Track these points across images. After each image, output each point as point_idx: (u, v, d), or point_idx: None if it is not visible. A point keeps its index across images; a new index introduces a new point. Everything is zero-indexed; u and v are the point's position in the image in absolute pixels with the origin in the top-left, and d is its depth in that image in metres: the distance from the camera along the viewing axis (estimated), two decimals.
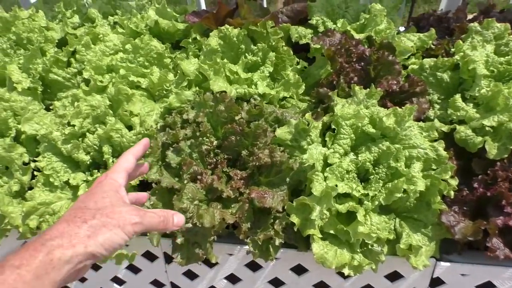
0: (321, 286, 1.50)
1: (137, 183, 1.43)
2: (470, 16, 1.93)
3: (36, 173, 1.51)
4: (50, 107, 1.71)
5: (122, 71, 1.66)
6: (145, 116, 1.56)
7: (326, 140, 1.34)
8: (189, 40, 1.84)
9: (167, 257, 1.55)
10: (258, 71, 1.64)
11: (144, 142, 1.00)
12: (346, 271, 1.21)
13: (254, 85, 1.60)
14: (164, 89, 1.67)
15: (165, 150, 1.39)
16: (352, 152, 1.34)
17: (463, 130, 1.35)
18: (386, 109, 1.36)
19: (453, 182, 1.25)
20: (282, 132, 1.35)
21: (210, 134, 1.40)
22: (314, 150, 1.29)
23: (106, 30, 1.90)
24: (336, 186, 1.21)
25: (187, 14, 1.90)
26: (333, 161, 1.28)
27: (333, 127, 1.34)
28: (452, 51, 1.62)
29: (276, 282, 1.54)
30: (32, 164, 1.53)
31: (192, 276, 1.61)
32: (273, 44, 1.67)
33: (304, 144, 1.34)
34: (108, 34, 1.82)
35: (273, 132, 1.37)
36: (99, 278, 1.71)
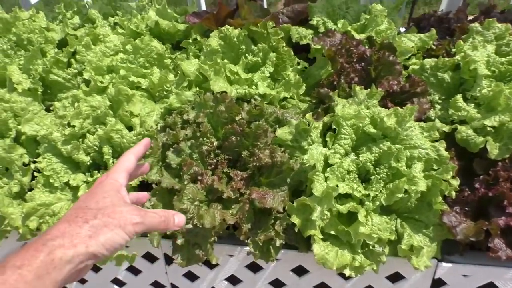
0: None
1: (137, 184, 1.42)
2: (470, 18, 1.92)
3: (36, 174, 1.51)
4: (51, 108, 1.71)
5: (123, 72, 1.66)
6: (146, 117, 1.56)
7: (327, 141, 1.33)
8: (190, 41, 1.84)
9: (168, 258, 1.54)
10: (259, 72, 1.64)
11: (145, 142, 1.00)
12: (347, 272, 1.20)
13: (255, 86, 1.59)
14: (165, 90, 1.67)
15: (166, 151, 1.39)
16: (353, 153, 1.33)
17: (464, 130, 1.34)
18: (387, 109, 1.35)
19: (455, 183, 1.24)
20: (283, 133, 1.35)
21: (211, 135, 1.40)
22: (315, 151, 1.29)
23: (107, 31, 1.90)
24: (337, 187, 1.20)
25: (188, 15, 1.90)
26: (334, 162, 1.28)
27: (334, 128, 1.33)
28: (453, 52, 1.62)
29: (277, 284, 1.54)
30: (32, 165, 1.53)
31: (193, 278, 1.61)
32: (274, 45, 1.67)
33: (305, 145, 1.34)
34: (109, 35, 1.82)
35: (274, 133, 1.36)
36: (99, 280, 1.71)
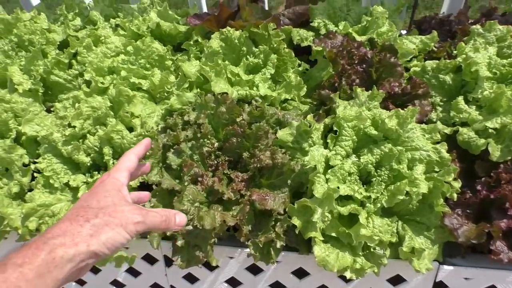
0: None
1: (138, 185, 1.42)
2: (471, 21, 1.92)
3: (36, 175, 1.51)
4: (51, 109, 1.71)
5: (123, 73, 1.66)
6: (146, 118, 1.55)
7: (328, 142, 1.33)
8: (191, 43, 1.84)
9: (167, 260, 1.54)
10: (260, 73, 1.63)
11: (146, 142, 1.00)
12: (348, 275, 1.20)
13: (256, 87, 1.59)
14: (165, 91, 1.67)
15: (166, 152, 1.39)
16: (354, 154, 1.33)
17: (466, 132, 1.34)
18: (388, 111, 1.35)
19: (456, 185, 1.23)
20: (284, 134, 1.35)
21: (211, 136, 1.40)
22: (316, 152, 1.29)
23: (108, 32, 1.90)
24: (338, 188, 1.20)
25: (189, 17, 1.90)
26: (335, 163, 1.27)
27: (335, 129, 1.33)
28: (454, 54, 1.61)
29: (277, 286, 1.53)
30: (32, 166, 1.53)
31: (193, 280, 1.60)
32: (275, 46, 1.66)
33: (306, 146, 1.33)
34: (110, 36, 1.82)
35: (275, 134, 1.36)
36: (99, 281, 1.70)
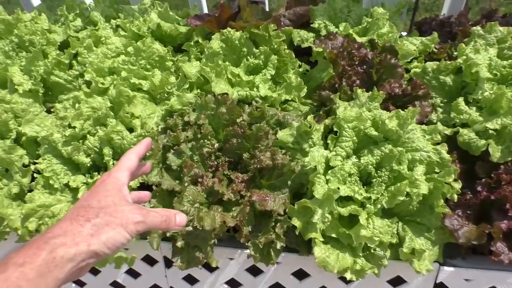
0: None
1: (137, 186, 1.42)
2: (472, 23, 1.92)
3: (36, 175, 1.51)
4: (51, 110, 1.71)
5: (124, 73, 1.66)
6: (146, 118, 1.55)
7: (328, 143, 1.33)
8: (191, 43, 1.84)
9: (167, 261, 1.53)
10: (260, 74, 1.63)
11: (147, 142, 1.00)
12: (348, 276, 1.19)
13: (256, 88, 1.59)
14: (166, 92, 1.67)
15: (166, 153, 1.38)
16: (354, 155, 1.33)
17: (467, 133, 1.34)
18: (389, 112, 1.35)
19: (457, 186, 1.23)
20: (284, 135, 1.35)
21: (212, 137, 1.39)
22: (316, 153, 1.29)
23: (108, 33, 1.90)
24: (338, 189, 1.20)
25: (189, 18, 1.89)
26: (335, 164, 1.27)
27: (335, 130, 1.33)
28: (455, 55, 1.61)
29: (277, 287, 1.52)
30: (32, 166, 1.53)
31: (192, 281, 1.59)
32: (275, 47, 1.66)
33: (306, 147, 1.33)
34: (110, 37, 1.82)
35: (275, 135, 1.36)
36: (98, 283, 1.69)
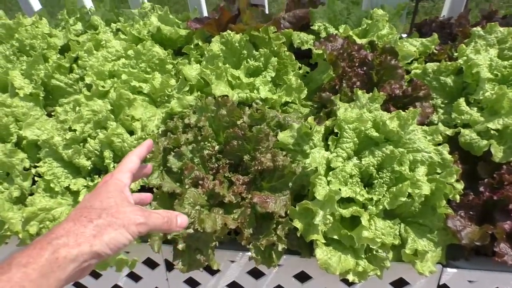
0: None
1: (138, 189, 1.41)
2: (471, 24, 1.92)
3: (37, 179, 1.50)
4: (52, 113, 1.71)
5: (124, 76, 1.66)
6: (147, 121, 1.55)
7: (329, 144, 1.33)
8: (191, 46, 1.84)
9: (168, 265, 1.53)
10: (260, 76, 1.63)
11: (148, 143, 1.00)
12: (351, 278, 1.18)
13: (256, 90, 1.59)
14: (166, 94, 1.66)
15: (167, 155, 1.38)
16: (356, 156, 1.32)
17: (468, 134, 1.33)
18: (389, 113, 1.34)
19: (459, 186, 1.23)
20: (285, 136, 1.34)
21: (212, 139, 1.39)
22: (317, 154, 1.28)
23: (109, 37, 1.90)
24: (340, 190, 1.19)
25: (189, 21, 1.90)
26: (336, 165, 1.27)
27: (336, 131, 1.32)
28: (455, 56, 1.61)
29: None
30: (33, 170, 1.52)
31: (194, 284, 1.59)
32: (275, 49, 1.66)
33: (307, 148, 1.33)
34: (111, 41, 1.82)
35: (275, 137, 1.36)
36: (99, 286, 1.69)
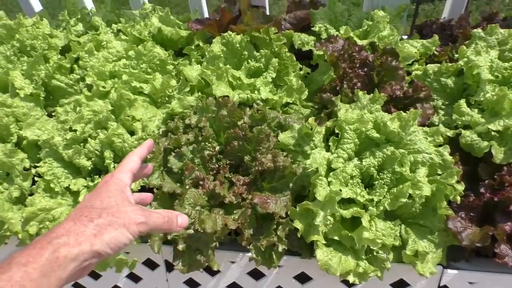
0: None
1: (138, 189, 1.41)
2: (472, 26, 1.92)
3: (37, 179, 1.50)
4: (53, 114, 1.71)
5: (125, 77, 1.66)
6: (147, 122, 1.55)
7: (330, 145, 1.32)
8: (192, 47, 1.84)
9: (168, 265, 1.52)
10: (261, 77, 1.63)
11: (149, 143, 1.00)
12: (351, 279, 1.18)
13: (257, 91, 1.58)
14: (167, 95, 1.66)
15: (167, 155, 1.38)
16: (356, 157, 1.32)
17: (469, 135, 1.33)
18: (390, 114, 1.35)
19: (460, 187, 1.22)
20: (285, 137, 1.34)
21: (213, 139, 1.39)
22: (318, 155, 1.28)
23: (110, 38, 1.90)
24: (340, 191, 1.19)
25: (190, 22, 1.90)
26: (337, 166, 1.27)
27: (337, 132, 1.32)
28: (456, 57, 1.62)
29: None
30: (33, 170, 1.52)
31: (194, 285, 1.58)
32: (276, 50, 1.66)
33: (308, 149, 1.33)
34: (112, 41, 1.82)
35: (276, 137, 1.36)
36: (99, 287, 1.68)
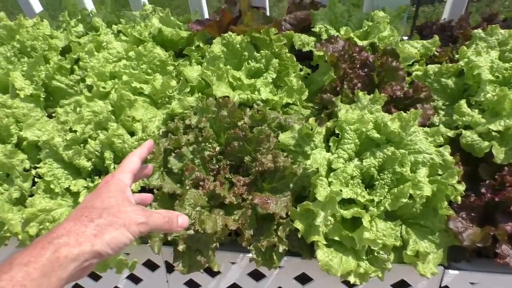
0: None
1: (138, 190, 1.41)
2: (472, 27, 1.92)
3: (37, 180, 1.50)
4: (53, 115, 1.71)
5: (125, 78, 1.66)
6: (148, 122, 1.55)
7: (330, 145, 1.32)
8: (192, 48, 1.84)
9: (169, 266, 1.52)
10: (261, 78, 1.63)
11: (149, 144, 1.00)
12: (352, 279, 1.18)
13: (257, 91, 1.58)
14: (167, 96, 1.66)
15: (167, 156, 1.38)
16: (357, 158, 1.32)
17: (469, 135, 1.33)
18: (391, 115, 1.34)
19: (460, 187, 1.22)
20: (286, 137, 1.34)
21: (213, 140, 1.39)
22: (318, 155, 1.28)
23: (110, 38, 1.90)
24: (341, 191, 1.19)
25: (191, 22, 1.90)
26: (337, 166, 1.26)
27: (337, 132, 1.32)
28: (456, 58, 1.62)
29: None
30: (33, 171, 1.52)
31: (194, 286, 1.58)
32: (276, 51, 1.66)
33: (308, 150, 1.33)
34: (112, 42, 1.82)
35: (276, 138, 1.35)
36: None
